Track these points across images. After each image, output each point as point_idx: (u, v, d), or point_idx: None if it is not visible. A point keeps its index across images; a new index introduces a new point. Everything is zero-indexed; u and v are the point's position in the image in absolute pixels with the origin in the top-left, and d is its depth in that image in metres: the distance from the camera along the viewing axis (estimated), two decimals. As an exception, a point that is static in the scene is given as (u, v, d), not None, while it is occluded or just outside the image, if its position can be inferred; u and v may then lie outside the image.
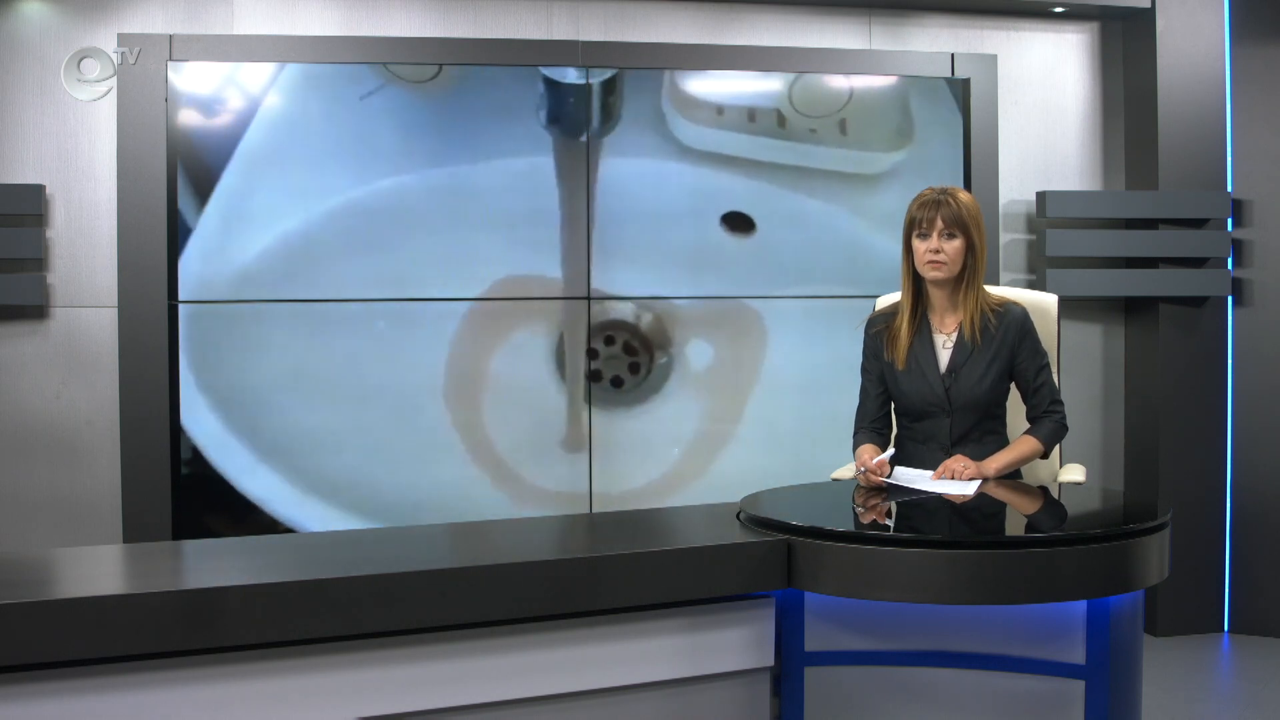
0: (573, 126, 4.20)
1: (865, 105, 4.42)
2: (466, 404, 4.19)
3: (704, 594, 2.31)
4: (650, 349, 4.30)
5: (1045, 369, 2.96)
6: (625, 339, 4.28)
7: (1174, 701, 3.87)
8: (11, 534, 4.05)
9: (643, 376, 4.29)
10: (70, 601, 1.94)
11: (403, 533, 2.67)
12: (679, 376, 4.32)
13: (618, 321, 4.28)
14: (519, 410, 4.22)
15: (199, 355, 4.01)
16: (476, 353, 4.19)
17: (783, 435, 4.38)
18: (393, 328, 4.12)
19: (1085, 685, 2.33)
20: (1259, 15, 4.60)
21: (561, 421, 4.24)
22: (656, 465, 4.32)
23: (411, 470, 4.14)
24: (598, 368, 4.26)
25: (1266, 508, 4.59)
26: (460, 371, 4.18)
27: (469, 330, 4.18)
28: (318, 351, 4.08)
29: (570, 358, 4.24)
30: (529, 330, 4.22)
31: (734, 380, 4.36)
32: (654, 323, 4.30)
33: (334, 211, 4.08)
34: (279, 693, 2.06)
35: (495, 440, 4.21)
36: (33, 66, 4.07)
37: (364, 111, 4.09)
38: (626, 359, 4.28)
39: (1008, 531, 2.57)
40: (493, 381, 4.21)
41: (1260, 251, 4.63)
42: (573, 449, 4.25)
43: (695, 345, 4.33)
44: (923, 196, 2.94)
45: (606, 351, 4.27)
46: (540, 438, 4.23)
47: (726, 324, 4.35)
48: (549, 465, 4.24)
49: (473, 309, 4.17)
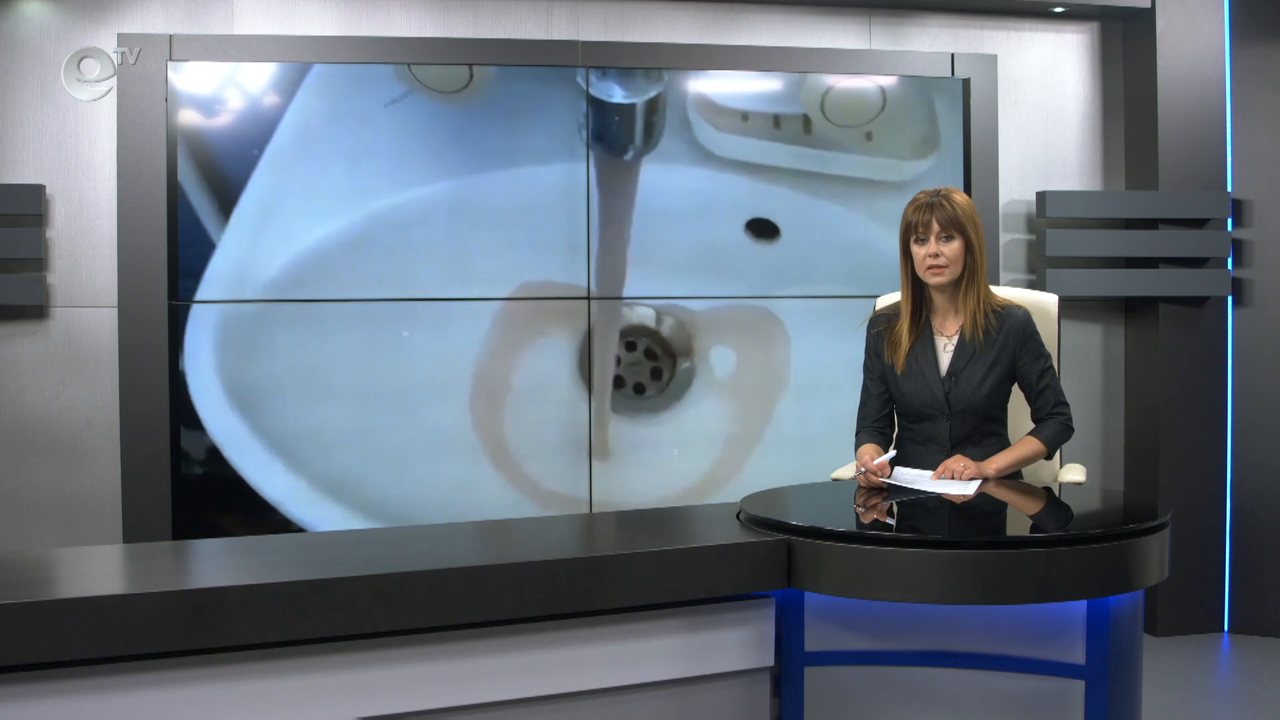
0: (615, 144, 4.22)
1: (891, 112, 4.41)
2: (488, 406, 4.21)
3: (704, 594, 2.31)
4: (673, 355, 4.31)
5: (1049, 371, 2.95)
6: (648, 345, 4.28)
7: (1174, 701, 3.87)
8: (11, 534, 4.05)
9: (665, 383, 4.30)
10: (70, 601, 1.94)
11: (403, 533, 2.67)
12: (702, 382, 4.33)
13: (640, 327, 4.28)
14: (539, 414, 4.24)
15: (221, 354, 4.02)
16: (502, 354, 4.20)
17: (810, 439, 4.37)
18: (413, 329, 4.12)
19: (1085, 685, 2.33)
20: (1259, 15, 4.60)
21: (583, 427, 4.26)
22: (678, 474, 4.33)
23: (428, 471, 4.14)
24: (620, 374, 4.27)
25: (1266, 508, 4.59)
26: (484, 374, 4.19)
27: (495, 332, 4.19)
28: (330, 352, 4.08)
29: (598, 362, 4.25)
30: (554, 334, 4.23)
31: (758, 385, 4.37)
32: (676, 328, 4.31)
33: (348, 211, 4.08)
34: (279, 693, 2.06)
35: (513, 443, 4.22)
36: (33, 66, 4.07)
37: (365, 111, 4.09)
38: (649, 364, 4.29)
39: (1008, 531, 2.57)
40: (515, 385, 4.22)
41: (1260, 251, 4.63)
42: (596, 456, 4.26)
43: (718, 351, 4.33)
44: (917, 200, 2.92)
45: (629, 358, 4.27)
46: (561, 442, 4.25)
47: (749, 328, 4.35)
48: (566, 470, 4.25)
49: (499, 310, 4.18)
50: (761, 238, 4.32)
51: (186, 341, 4.01)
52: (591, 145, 4.20)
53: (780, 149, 4.32)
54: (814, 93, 4.35)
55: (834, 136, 4.36)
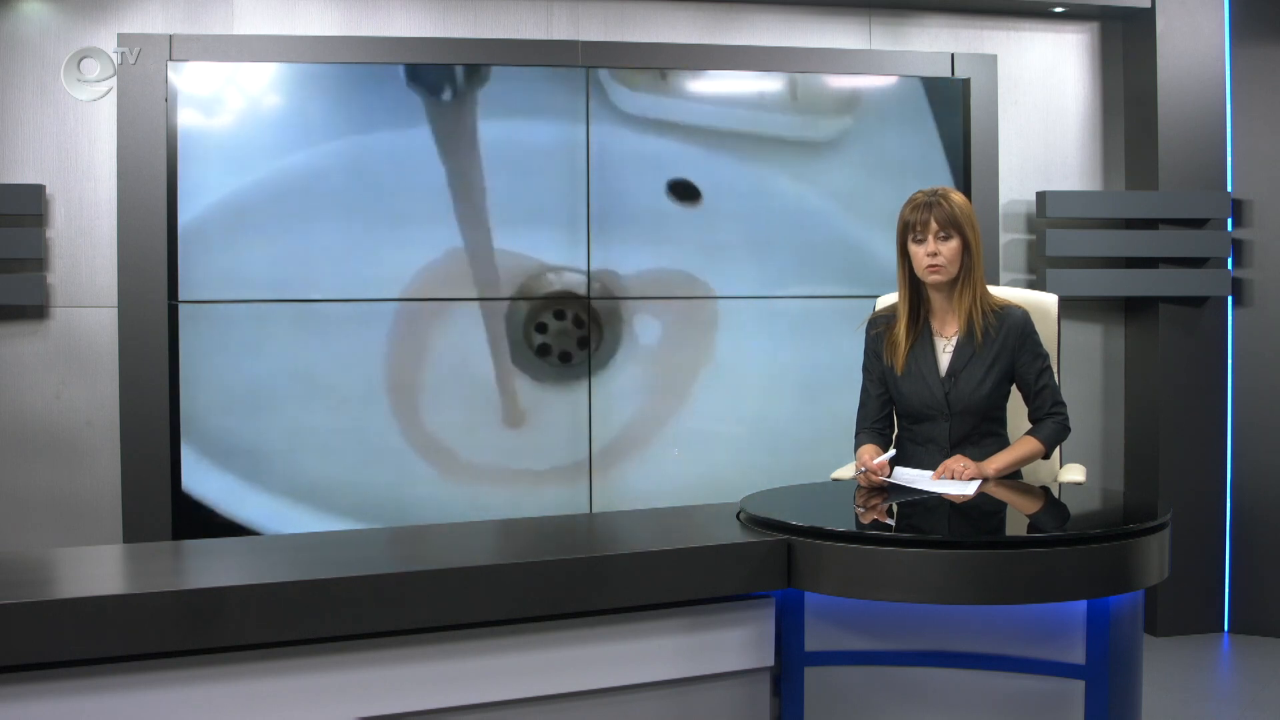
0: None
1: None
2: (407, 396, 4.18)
3: (704, 594, 2.31)
4: (600, 325, 4.27)
5: (1046, 371, 2.96)
6: (576, 313, 4.25)
7: (1174, 701, 3.87)
8: (11, 534, 4.05)
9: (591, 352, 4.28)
10: (70, 601, 1.94)
11: (402, 533, 2.67)
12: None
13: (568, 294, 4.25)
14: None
15: (203, 355, 4.02)
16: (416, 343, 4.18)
17: (810, 440, 4.37)
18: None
19: (1085, 685, 2.33)
20: (1259, 15, 4.60)
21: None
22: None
23: (357, 461, 4.13)
24: (546, 342, 4.24)
25: (1266, 508, 4.59)
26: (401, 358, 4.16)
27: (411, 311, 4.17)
28: (331, 351, 4.09)
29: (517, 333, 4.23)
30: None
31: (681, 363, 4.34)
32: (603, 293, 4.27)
33: (348, 211, 4.08)
34: (279, 693, 2.07)
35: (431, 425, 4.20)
36: (33, 66, 4.07)
37: (365, 110, 4.09)
38: (576, 333, 4.26)
39: (1008, 531, 2.58)
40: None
41: (1260, 251, 4.63)
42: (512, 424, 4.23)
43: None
44: (914, 199, 2.92)
45: (556, 326, 4.25)
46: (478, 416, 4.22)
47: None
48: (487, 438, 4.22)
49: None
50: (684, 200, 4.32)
51: (183, 343, 4.02)
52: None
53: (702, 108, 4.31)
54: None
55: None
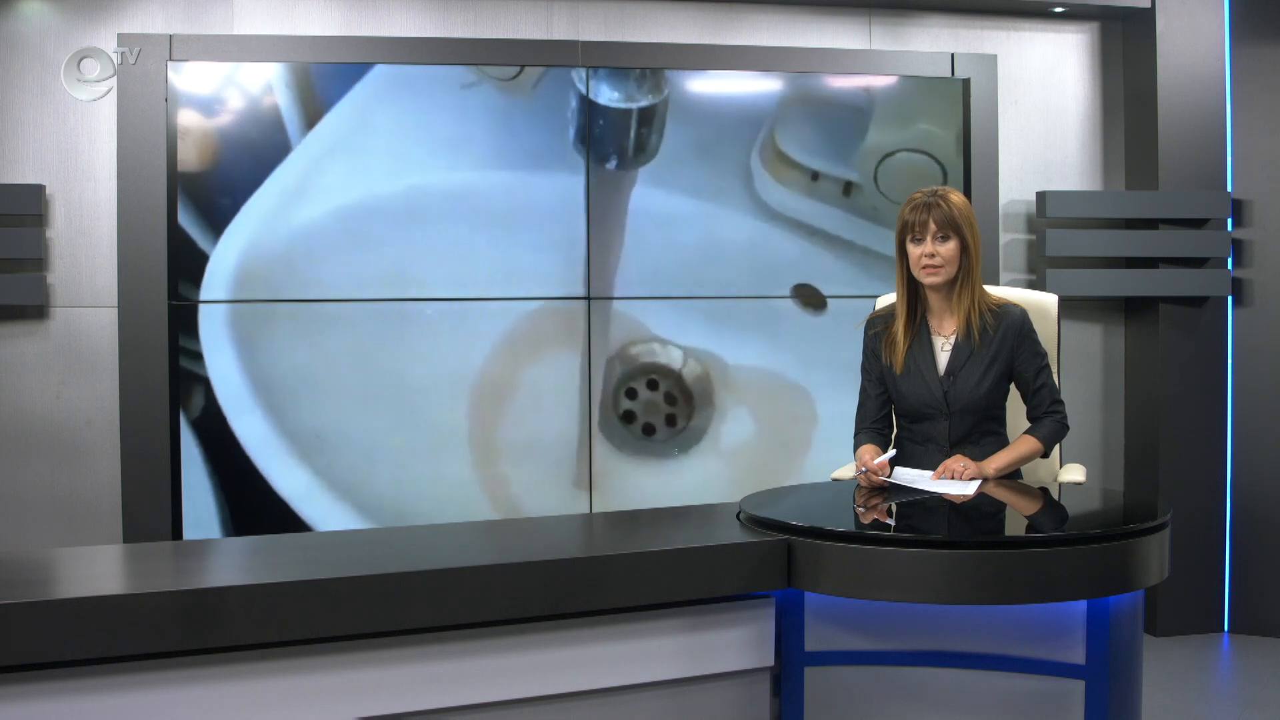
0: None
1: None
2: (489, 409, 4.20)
3: (704, 594, 2.31)
4: (691, 402, 4.28)
5: (1045, 370, 2.96)
6: (668, 388, 4.26)
7: (1174, 701, 3.87)
8: (11, 534, 4.05)
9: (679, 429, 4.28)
10: (70, 601, 1.94)
11: (403, 533, 2.67)
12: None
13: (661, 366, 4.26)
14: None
15: (241, 351, 4.03)
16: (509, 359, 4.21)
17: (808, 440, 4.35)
18: (413, 328, 4.13)
19: (1085, 685, 2.33)
20: (1259, 15, 4.60)
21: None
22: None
23: (419, 470, 4.15)
24: (632, 409, 4.24)
25: (1266, 508, 4.58)
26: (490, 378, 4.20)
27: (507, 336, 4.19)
28: (329, 351, 4.08)
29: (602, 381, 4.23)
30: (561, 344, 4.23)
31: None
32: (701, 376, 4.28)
33: (347, 210, 4.08)
34: (279, 693, 2.07)
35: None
36: (33, 66, 4.07)
37: (365, 110, 4.09)
38: (666, 408, 4.27)
39: (1008, 531, 2.57)
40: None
41: (1260, 251, 4.63)
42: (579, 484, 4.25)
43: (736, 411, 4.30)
44: (913, 199, 2.93)
45: (647, 395, 4.25)
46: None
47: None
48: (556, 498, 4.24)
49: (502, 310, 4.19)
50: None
51: (186, 341, 4.02)
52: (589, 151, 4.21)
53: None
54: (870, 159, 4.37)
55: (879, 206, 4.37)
